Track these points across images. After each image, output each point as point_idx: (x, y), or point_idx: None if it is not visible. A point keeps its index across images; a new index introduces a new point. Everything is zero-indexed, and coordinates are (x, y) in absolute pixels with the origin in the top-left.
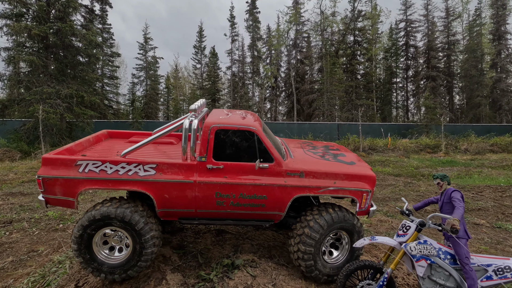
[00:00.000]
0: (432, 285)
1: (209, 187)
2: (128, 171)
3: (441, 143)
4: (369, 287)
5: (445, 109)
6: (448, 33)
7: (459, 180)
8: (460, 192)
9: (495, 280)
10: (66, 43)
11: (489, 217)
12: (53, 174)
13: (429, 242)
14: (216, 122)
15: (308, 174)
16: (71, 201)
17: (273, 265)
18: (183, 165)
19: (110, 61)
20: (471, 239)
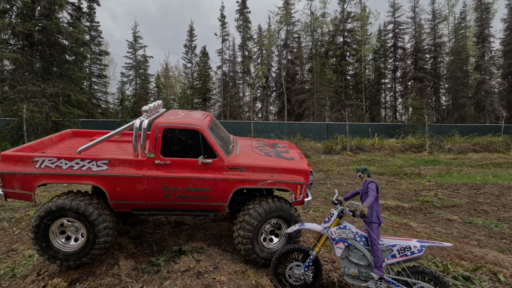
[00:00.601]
0: (349, 264)
1: (157, 181)
2: (82, 167)
3: (426, 142)
4: (298, 267)
5: (432, 110)
6: (434, 35)
7: (439, 178)
8: (375, 183)
9: (397, 258)
10: (52, 41)
11: (462, 213)
12: (11, 170)
13: (348, 227)
14: (164, 122)
15: (248, 168)
16: (28, 195)
17: (219, 251)
18: (133, 161)
19: (98, 60)
20: (382, 223)
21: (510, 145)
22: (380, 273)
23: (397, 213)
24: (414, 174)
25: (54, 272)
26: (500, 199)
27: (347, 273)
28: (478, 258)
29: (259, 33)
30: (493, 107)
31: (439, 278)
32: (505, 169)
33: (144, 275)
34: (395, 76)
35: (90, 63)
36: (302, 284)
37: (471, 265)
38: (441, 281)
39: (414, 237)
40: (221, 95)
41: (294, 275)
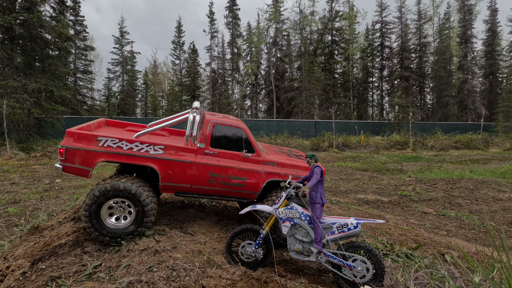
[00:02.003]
0: (294, 241)
1: (205, 168)
2: (141, 149)
3: (410, 140)
4: (249, 245)
5: (417, 108)
6: (420, 35)
7: (419, 174)
8: (320, 168)
9: (336, 234)
10: (34, 35)
11: (437, 206)
12: (76, 146)
13: (295, 207)
14: (215, 119)
15: (278, 164)
16: (86, 170)
17: (180, 233)
18: (186, 149)
19: (83, 55)
20: (325, 203)
21: (489, 142)
22: (319, 247)
23: (376, 206)
24: (396, 170)
25: (19, 255)
26: (474, 193)
27: (292, 249)
28: (434, 242)
29: (249, 30)
30: (475, 105)
31: (372, 251)
32: (482, 165)
33: (105, 254)
34: (382, 75)
35: (75, 59)
36: (253, 261)
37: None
38: (373, 253)
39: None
40: (210, 92)
41: (246, 252)
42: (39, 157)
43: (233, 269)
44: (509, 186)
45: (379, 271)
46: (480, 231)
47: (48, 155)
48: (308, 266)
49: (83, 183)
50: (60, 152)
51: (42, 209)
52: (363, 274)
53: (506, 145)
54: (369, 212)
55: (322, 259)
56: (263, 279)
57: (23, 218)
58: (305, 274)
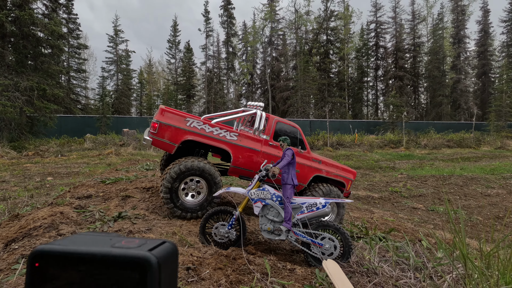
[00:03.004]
0: (266, 221)
1: (268, 156)
2: (220, 133)
3: (403, 138)
4: (223, 226)
5: (411, 108)
6: (414, 35)
7: (411, 171)
8: (291, 150)
9: (306, 213)
10: (25, 32)
11: (427, 202)
12: (168, 122)
13: (266, 188)
14: (277, 118)
15: (323, 162)
16: (173, 146)
17: (157, 217)
18: (255, 138)
19: (76, 53)
20: (297, 185)
21: (481, 141)
22: (288, 226)
23: (367, 202)
24: (388, 168)
25: None
26: (463, 189)
27: (263, 228)
28: (414, 231)
29: (244, 29)
30: (468, 105)
31: (339, 230)
32: (473, 162)
33: None
34: (377, 74)
35: (68, 57)
36: (226, 242)
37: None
38: (340, 232)
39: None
40: (206, 92)
41: (219, 233)
42: (31, 155)
43: (205, 249)
44: (497, 183)
45: (347, 248)
46: (466, 225)
47: (40, 154)
48: (281, 247)
49: (73, 180)
50: (153, 126)
51: (30, 206)
52: (331, 252)
53: (497, 143)
54: (357, 206)
55: (292, 238)
56: (232, 256)
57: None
58: (277, 254)
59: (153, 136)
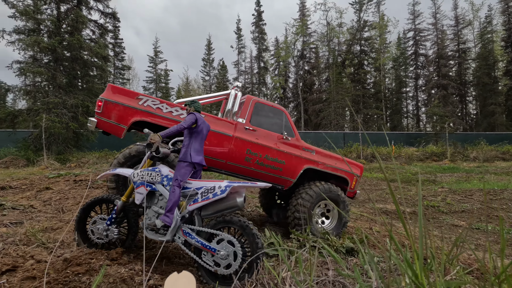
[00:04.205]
0: (152, 215)
1: (243, 143)
2: (181, 114)
3: (447, 150)
4: (102, 221)
5: (458, 118)
6: (458, 41)
7: (455, 185)
8: (196, 115)
9: (199, 202)
10: (74, 55)
11: (471, 219)
12: (116, 100)
13: (158, 169)
14: (256, 98)
15: (317, 152)
16: (121, 128)
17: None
18: (226, 121)
19: (121, 74)
20: (196, 163)
21: None
22: (166, 220)
23: (396, 217)
24: (428, 181)
25: None
26: None
27: (147, 225)
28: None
29: (276, 45)
30: None
31: (246, 228)
32: None
33: None
34: (417, 84)
35: (114, 78)
36: (108, 242)
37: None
38: (248, 232)
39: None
40: None
41: (97, 230)
42: (72, 167)
43: (64, 251)
44: None
45: (257, 257)
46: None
47: (81, 166)
48: (182, 254)
49: None
50: (98, 105)
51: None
52: (229, 263)
53: None
54: (372, 219)
55: (179, 239)
56: (77, 262)
57: None
58: (173, 263)
59: (98, 117)
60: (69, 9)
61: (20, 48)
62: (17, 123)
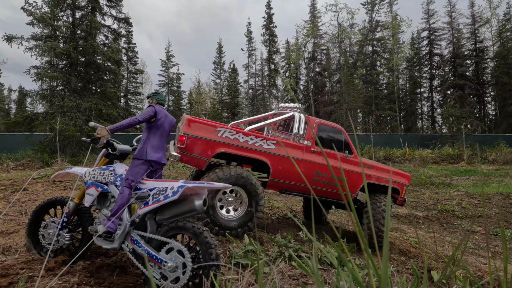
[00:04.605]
0: (103, 219)
1: (312, 165)
2: (255, 143)
3: (464, 152)
4: (54, 224)
5: (475, 119)
6: (475, 40)
7: (472, 188)
8: (155, 107)
9: (150, 205)
10: (87, 60)
11: (489, 224)
12: (198, 134)
13: (112, 168)
14: (318, 119)
15: (373, 167)
16: (204, 161)
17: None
18: (295, 145)
19: (134, 78)
20: (153, 160)
21: None
22: (110, 226)
23: (408, 221)
24: (443, 184)
25: None
26: None
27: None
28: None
29: (287, 47)
30: None
31: (200, 236)
32: None
33: None
34: (432, 84)
35: (127, 82)
36: (61, 248)
37: None
38: (201, 240)
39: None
40: (248, 109)
41: (48, 235)
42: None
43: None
44: None
45: (204, 269)
46: None
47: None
48: None
49: None
50: (181, 140)
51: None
52: (177, 276)
53: None
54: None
55: (127, 247)
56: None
57: None
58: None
59: (182, 152)
60: (84, 15)
61: (37, 54)
62: (34, 126)
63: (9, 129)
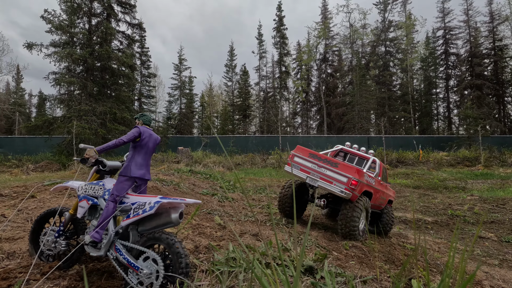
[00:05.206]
0: (92, 229)
1: (382, 193)
2: (370, 180)
3: (481, 155)
4: (52, 232)
5: (495, 120)
6: (493, 38)
7: (487, 192)
8: (140, 129)
9: (131, 218)
10: (103, 65)
11: (501, 230)
12: (362, 180)
13: (102, 183)
14: (378, 160)
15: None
16: (356, 196)
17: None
18: (378, 180)
19: (147, 81)
20: (137, 177)
21: None
22: (95, 236)
23: (416, 226)
24: (456, 188)
25: None
26: None
27: (86, 239)
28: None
29: (298, 48)
30: None
31: (172, 247)
32: None
33: None
34: (448, 85)
35: (140, 85)
36: (57, 255)
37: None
38: (173, 250)
39: None
40: (259, 111)
41: (47, 242)
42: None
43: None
44: None
45: (174, 277)
46: None
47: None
48: None
49: None
50: (354, 183)
51: None
52: (151, 282)
53: None
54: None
55: (112, 255)
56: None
57: None
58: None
59: (353, 192)
60: (99, 22)
61: (55, 60)
62: (52, 130)
63: (29, 132)
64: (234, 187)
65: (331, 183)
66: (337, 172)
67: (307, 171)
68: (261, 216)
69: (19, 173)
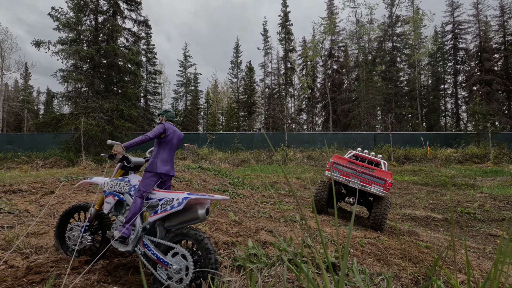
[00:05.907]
0: (120, 224)
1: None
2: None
3: (490, 152)
4: (78, 227)
5: (504, 117)
6: (504, 32)
7: (497, 190)
8: (164, 124)
9: (159, 214)
10: (109, 62)
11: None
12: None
13: (127, 179)
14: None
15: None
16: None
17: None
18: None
19: (153, 78)
20: (162, 173)
21: None
22: (124, 232)
23: (425, 224)
24: (465, 185)
25: None
26: None
27: (111, 235)
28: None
29: (303, 44)
30: None
31: (201, 243)
32: None
33: None
34: (457, 80)
35: (146, 82)
36: (83, 249)
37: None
38: (202, 246)
39: None
40: (264, 107)
41: (73, 237)
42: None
43: (39, 256)
44: None
45: (203, 273)
46: None
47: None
48: None
49: None
50: (390, 185)
51: None
52: (180, 277)
53: None
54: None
55: (139, 251)
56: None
57: None
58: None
59: (387, 192)
60: (106, 19)
61: (63, 58)
62: (61, 127)
63: (38, 129)
64: (243, 183)
65: (370, 185)
66: (375, 176)
67: (347, 176)
68: (273, 212)
69: (29, 169)
